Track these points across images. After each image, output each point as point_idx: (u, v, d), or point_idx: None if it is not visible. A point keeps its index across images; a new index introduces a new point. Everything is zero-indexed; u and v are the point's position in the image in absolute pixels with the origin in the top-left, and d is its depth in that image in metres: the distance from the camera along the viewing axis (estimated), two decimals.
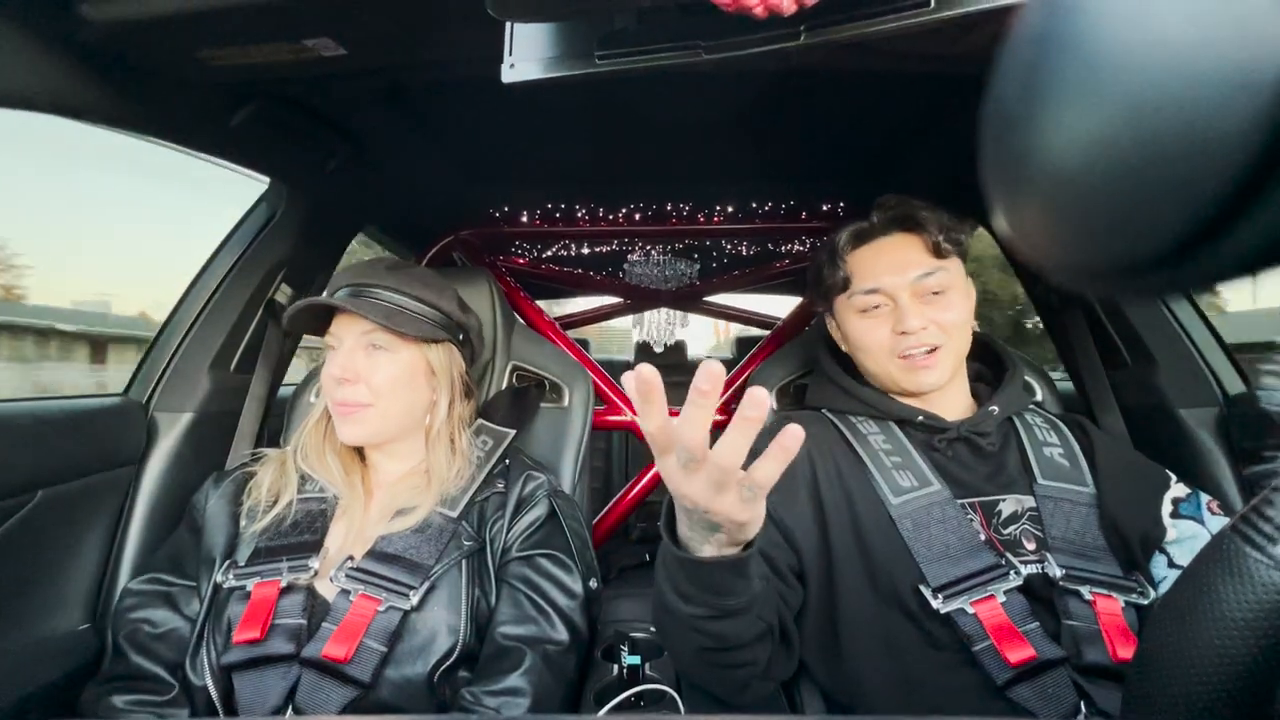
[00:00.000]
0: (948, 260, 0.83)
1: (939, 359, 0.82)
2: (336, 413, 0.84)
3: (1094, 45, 0.19)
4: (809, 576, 0.79)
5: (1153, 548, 0.76)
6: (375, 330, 0.83)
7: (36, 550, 0.89)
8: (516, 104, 1.08)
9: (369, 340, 0.84)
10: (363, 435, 0.85)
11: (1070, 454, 0.83)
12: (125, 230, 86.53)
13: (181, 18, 0.65)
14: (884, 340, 0.84)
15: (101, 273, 70.57)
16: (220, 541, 0.82)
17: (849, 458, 0.84)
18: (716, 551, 0.53)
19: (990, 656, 0.68)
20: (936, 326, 0.81)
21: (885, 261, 0.84)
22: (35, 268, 14.43)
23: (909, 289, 0.82)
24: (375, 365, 0.84)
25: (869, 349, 0.86)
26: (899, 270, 0.83)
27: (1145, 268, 0.20)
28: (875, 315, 0.85)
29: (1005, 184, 0.24)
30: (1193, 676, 0.32)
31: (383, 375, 0.84)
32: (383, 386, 0.83)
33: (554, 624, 0.79)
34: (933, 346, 0.82)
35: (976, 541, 0.74)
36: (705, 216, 1.74)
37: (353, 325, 0.84)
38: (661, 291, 2.37)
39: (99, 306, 21.36)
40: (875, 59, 0.80)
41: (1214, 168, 0.16)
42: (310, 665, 0.72)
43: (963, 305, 0.83)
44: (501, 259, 2.00)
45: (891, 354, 0.84)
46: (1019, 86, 0.22)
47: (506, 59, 0.65)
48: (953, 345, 0.82)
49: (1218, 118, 0.16)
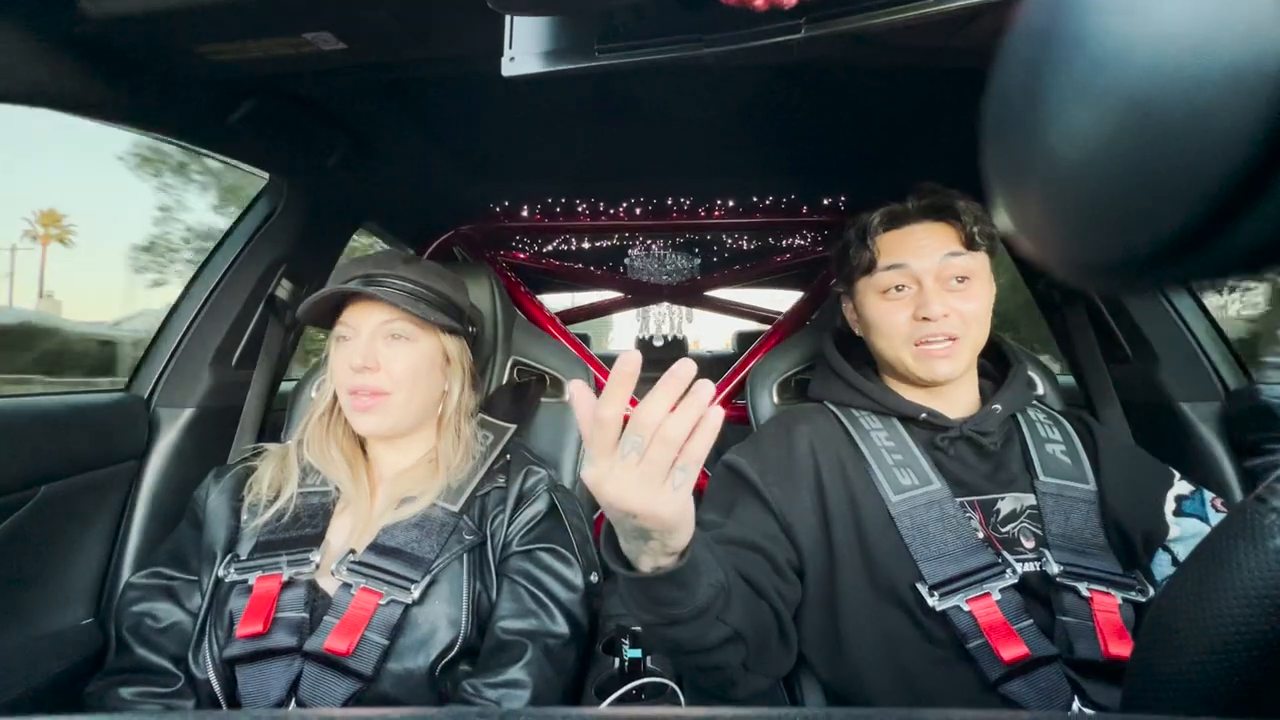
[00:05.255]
0: (977, 252, 0.82)
1: (956, 350, 0.80)
2: (354, 404, 0.83)
3: (1096, 39, 0.19)
4: (809, 570, 0.79)
5: (1155, 545, 0.76)
6: (396, 319, 0.83)
7: (40, 545, 0.89)
8: (517, 98, 1.08)
9: (389, 330, 0.84)
10: (382, 425, 0.84)
11: (1072, 451, 0.83)
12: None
13: (181, 12, 0.65)
14: (902, 324, 0.82)
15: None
16: (221, 536, 0.82)
17: (851, 453, 0.84)
18: (653, 563, 0.53)
19: (984, 653, 0.68)
20: (958, 316, 0.80)
21: (914, 244, 0.82)
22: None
23: (934, 272, 0.80)
24: (396, 354, 0.83)
25: (886, 332, 0.84)
26: (927, 252, 0.81)
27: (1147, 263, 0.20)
28: (897, 298, 0.83)
29: (1007, 178, 0.24)
30: (1209, 647, 0.32)
31: (403, 364, 0.84)
32: (403, 375, 0.83)
33: (554, 617, 0.79)
34: (952, 336, 0.80)
35: (974, 540, 0.75)
36: (706, 211, 1.73)
37: (371, 314, 0.83)
38: (662, 286, 2.38)
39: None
40: (876, 52, 0.79)
41: (1216, 162, 0.16)
42: (312, 659, 0.73)
43: (985, 297, 0.82)
44: (502, 254, 2.00)
45: (908, 340, 0.82)
46: (1020, 80, 0.22)
47: (506, 52, 0.65)
48: (971, 337, 0.81)
49: (1220, 112, 0.16)
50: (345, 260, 0.90)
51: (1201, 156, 0.17)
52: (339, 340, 0.85)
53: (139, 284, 23.41)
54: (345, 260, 0.90)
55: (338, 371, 0.84)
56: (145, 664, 0.76)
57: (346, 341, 0.84)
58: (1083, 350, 1.25)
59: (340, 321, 0.86)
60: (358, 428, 0.86)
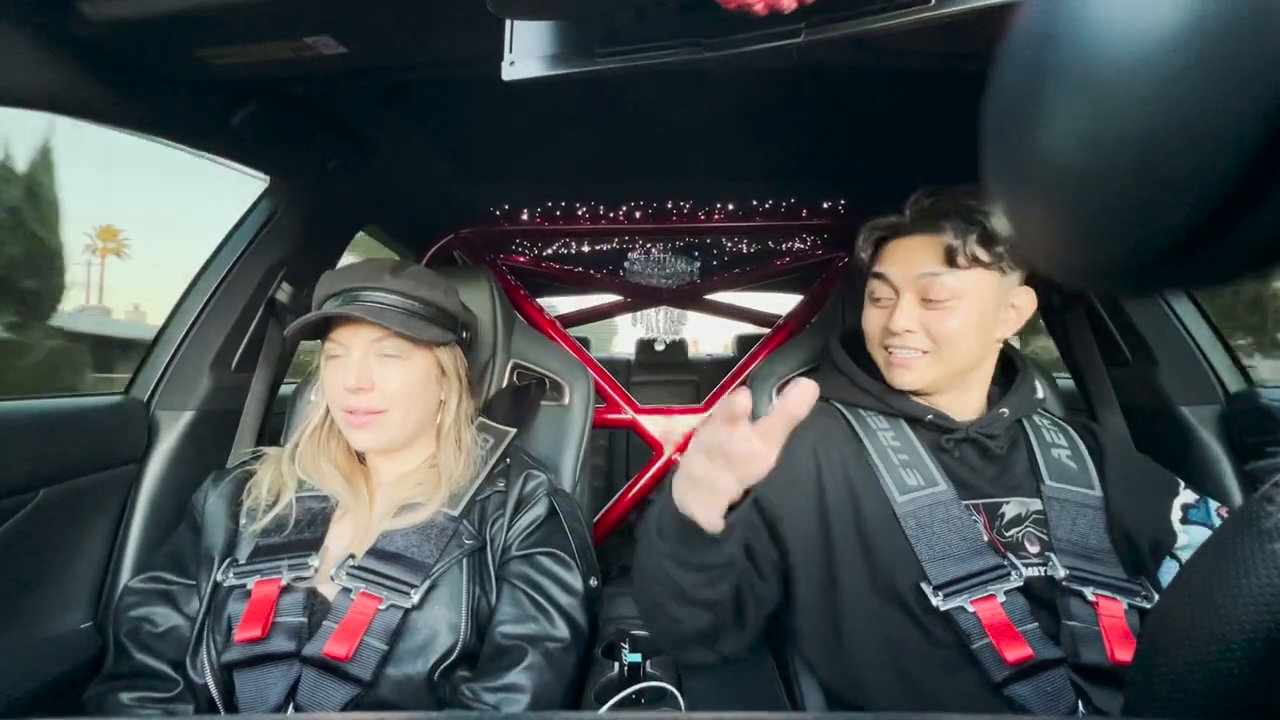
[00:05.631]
0: (963, 270, 0.78)
1: (920, 363, 0.81)
2: (349, 421, 0.82)
3: (1094, 42, 0.19)
4: (804, 571, 0.79)
5: (1163, 554, 0.77)
6: (387, 338, 0.82)
7: (38, 549, 0.89)
8: (517, 102, 1.08)
9: (380, 349, 0.82)
10: (379, 442, 0.84)
11: (1078, 457, 0.83)
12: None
13: (182, 16, 0.65)
14: (877, 332, 0.85)
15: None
16: (220, 540, 0.82)
17: (856, 452, 0.84)
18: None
19: (988, 655, 0.68)
20: (926, 334, 0.80)
21: (899, 256, 0.83)
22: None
23: (912, 286, 0.81)
24: (389, 373, 0.82)
25: (867, 334, 0.88)
26: (906, 265, 0.82)
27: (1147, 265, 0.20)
28: (877, 305, 0.85)
29: (1006, 182, 0.24)
30: (1211, 648, 0.32)
31: (397, 382, 0.82)
32: (398, 393, 0.82)
33: (554, 621, 0.79)
34: (920, 350, 0.80)
35: (980, 542, 0.74)
36: (706, 214, 1.74)
37: (361, 333, 0.82)
38: (662, 289, 2.38)
39: None
40: (876, 56, 0.79)
41: (1215, 165, 0.16)
42: (311, 664, 0.72)
43: (968, 315, 0.79)
44: (502, 257, 2.00)
45: (879, 346, 0.85)
46: (1020, 83, 0.22)
47: (506, 56, 0.65)
48: (943, 354, 0.80)
49: (1219, 114, 0.16)
50: (330, 272, 0.88)
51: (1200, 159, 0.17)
52: (330, 358, 0.84)
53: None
54: (330, 272, 0.88)
55: (331, 389, 0.83)
56: (144, 669, 0.76)
57: (338, 359, 0.83)
58: (1082, 353, 1.25)
59: (330, 339, 0.84)
60: (354, 444, 0.85)
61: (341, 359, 0.82)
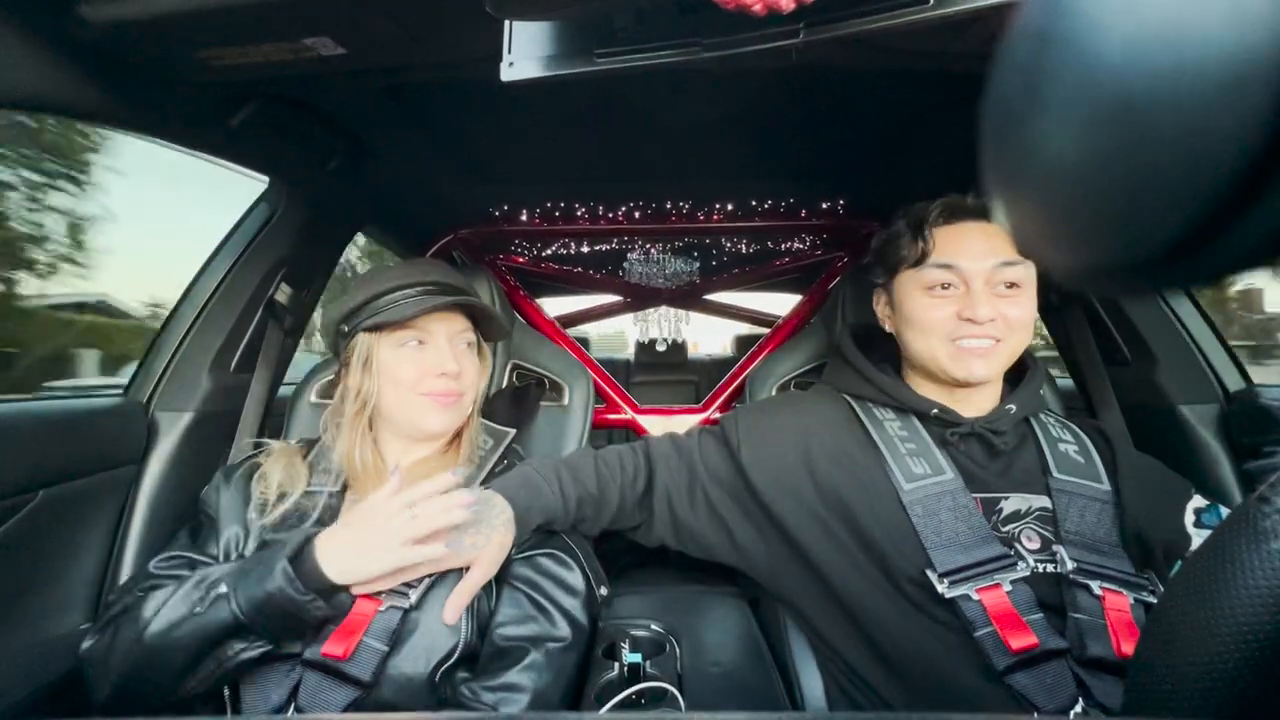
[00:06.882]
0: (1029, 260, 0.79)
1: (995, 352, 0.80)
2: (437, 403, 0.87)
3: (1092, 42, 0.19)
4: (800, 539, 0.82)
5: (1176, 556, 0.77)
6: (468, 330, 0.93)
7: (37, 550, 0.89)
8: (516, 102, 1.08)
9: (465, 338, 0.92)
10: (453, 422, 0.91)
11: (1085, 452, 0.83)
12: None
13: (181, 17, 0.65)
14: (943, 322, 0.81)
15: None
16: (235, 534, 0.82)
17: (863, 439, 0.84)
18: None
19: (992, 642, 0.68)
20: (1003, 321, 0.79)
21: (969, 243, 0.81)
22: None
23: (984, 276, 0.79)
24: (469, 360, 0.92)
25: (925, 328, 0.83)
26: (981, 255, 0.80)
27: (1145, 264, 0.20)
28: (941, 295, 0.82)
29: (1005, 181, 0.24)
30: (1210, 647, 0.32)
31: (474, 369, 0.93)
32: (472, 379, 0.92)
33: (555, 621, 0.79)
34: (995, 338, 0.79)
35: (986, 531, 0.75)
36: (705, 215, 1.74)
37: (450, 322, 0.90)
38: (661, 290, 2.38)
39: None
40: (875, 56, 0.79)
41: (1214, 164, 0.16)
42: (312, 666, 0.72)
43: (1030, 306, 0.81)
44: (501, 257, 2.00)
45: (946, 338, 0.81)
46: (1018, 83, 0.22)
47: (505, 57, 0.65)
48: (1011, 343, 0.80)
49: (1217, 113, 0.16)
50: (383, 266, 0.91)
51: (1199, 158, 0.17)
52: (404, 345, 0.87)
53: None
54: (383, 266, 0.91)
55: (415, 373, 0.86)
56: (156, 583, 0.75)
57: (419, 347, 0.88)
58: (1081, 353, 1.25)
59: (413, 326, 0.87)
60: (428, 425, 0.88)
61: (427, 344, 0.88)
